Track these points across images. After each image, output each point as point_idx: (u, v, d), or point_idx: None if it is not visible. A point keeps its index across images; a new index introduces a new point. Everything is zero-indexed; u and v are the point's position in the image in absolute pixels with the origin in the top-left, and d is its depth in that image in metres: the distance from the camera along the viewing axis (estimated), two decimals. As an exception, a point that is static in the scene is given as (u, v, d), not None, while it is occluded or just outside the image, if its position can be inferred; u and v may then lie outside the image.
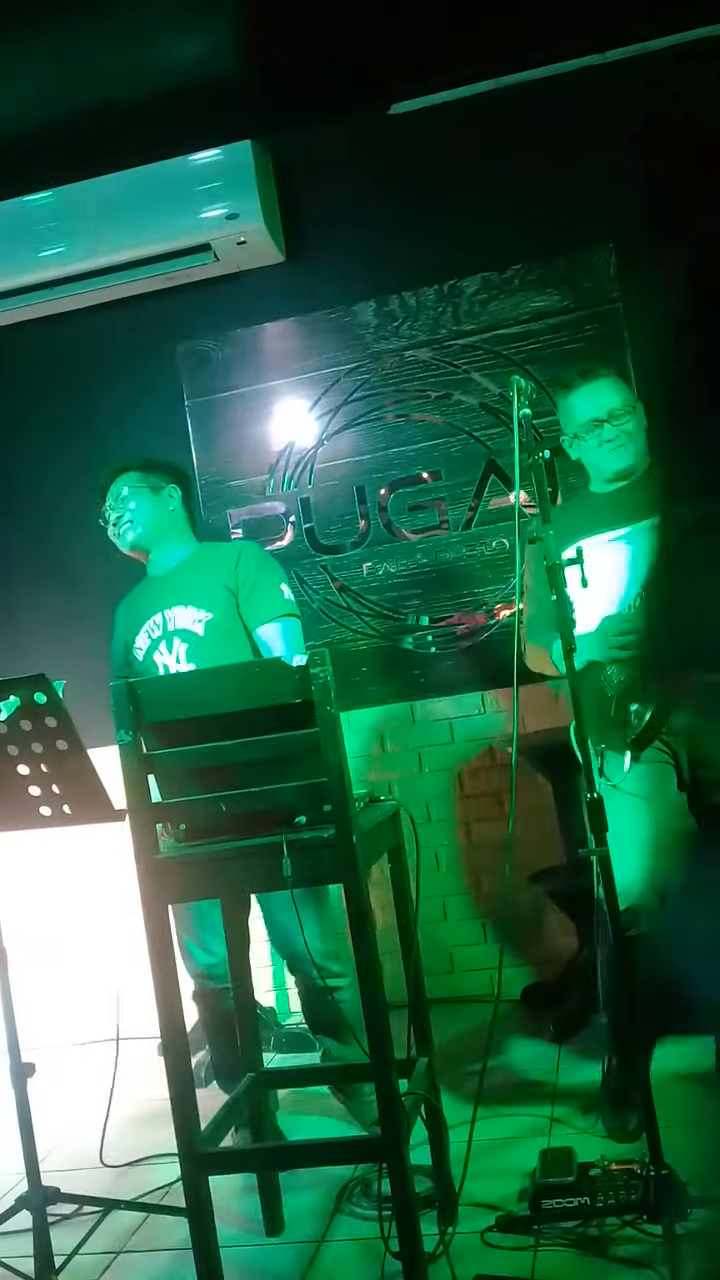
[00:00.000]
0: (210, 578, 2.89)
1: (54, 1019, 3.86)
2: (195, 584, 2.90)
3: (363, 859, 2.06)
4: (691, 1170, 2.21)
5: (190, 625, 2.87)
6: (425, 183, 3.82)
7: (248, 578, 2.87)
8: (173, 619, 2.90)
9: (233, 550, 2.97)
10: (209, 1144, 2.18)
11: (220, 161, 3.68)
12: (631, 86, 3.64)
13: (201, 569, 2.93)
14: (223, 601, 2.86)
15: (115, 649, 3.04)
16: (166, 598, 2.92)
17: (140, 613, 2.97)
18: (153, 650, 2.91)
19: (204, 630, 2.85)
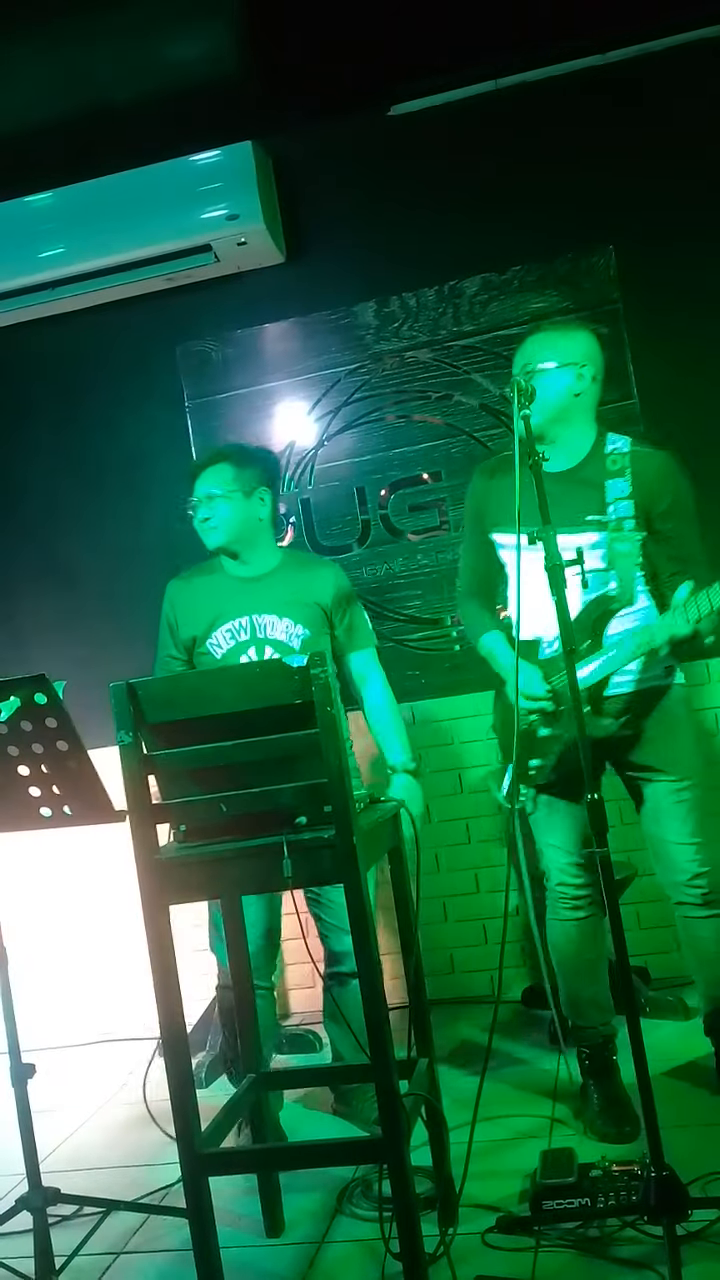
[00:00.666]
0: (307, 595, 2.91)
1: (54, 1019, 3.85)
2: (291, 597, 2.91)
3: (363, 860, 2.06)
4: (692, 1170, 2.22)
5: (284, 637, 2.89)
6: (425, 183, 3.82)
7: (345, 606, 2.95)
8: (265, 626, 2.90)
9: (329, 574, 2.99)
10: (209, 1145, 2.17)
11: (221, 162, 3.68)
12: (634, 87, 3.64)
13: (297, 583, 2.93)
14: (318, 622, 2.92)
15: (173, 633, 2.99)
16: (258, 603, 2.90)
17: (220, 609, 2.93)
18: (238, 652, 2.90)
19: (299, 645, 2.88)
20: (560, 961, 2.80)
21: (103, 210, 3.71)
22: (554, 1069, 2.93)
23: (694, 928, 2.71)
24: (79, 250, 3.75)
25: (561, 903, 2.76)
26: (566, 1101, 2.81)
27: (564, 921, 2.76)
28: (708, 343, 3.58)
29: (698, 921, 2.70)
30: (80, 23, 3.18)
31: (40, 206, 3.76)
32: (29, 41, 3.21)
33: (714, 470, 2.98)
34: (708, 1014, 2.76)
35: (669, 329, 3.61)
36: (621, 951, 2.17)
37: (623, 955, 2.17)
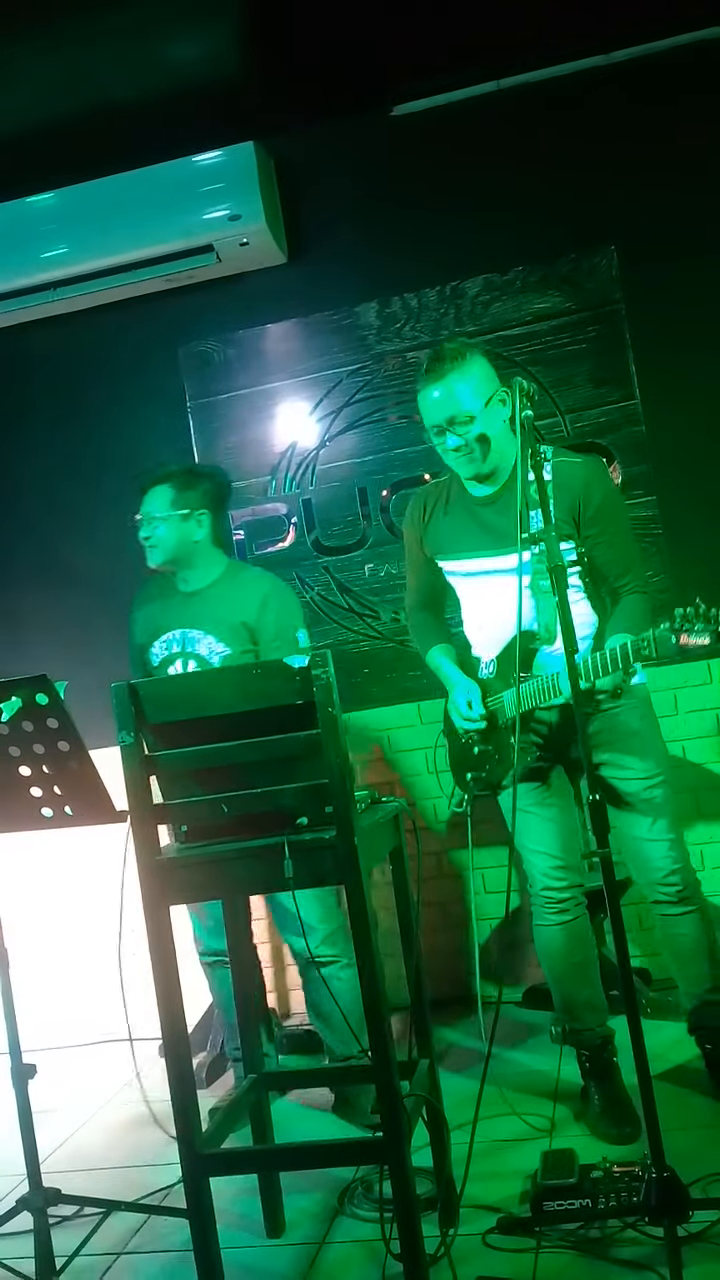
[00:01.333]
0: (233, 613, 2.99)
1: (55, 1020, 3.85)
2: (219, 614, 3.00)
3: (364, 860, 2.06)
4: (693, 1171, 2.22)
5: (206, 653, 2.99)
6: (427, 184, 3.82)
7: (269, 625, 2.98)
8: (193, 640, 3.02)
9: (258, 591, 3.02)
10: (210, 1145, 2.17)
11: (223, 163, 3.68)
12: (636, 87, 3.64)
13: (227, 600, 3.02)
14: (242, 639, 2.98)
15: (132, 647, 3.18)
16: (190, 618, 3.03)
17: (160, 621, 3.08)
18: (168, 664, 3.05)
19: (218, 663, 2.97)
20: (551, 967, 2.79)
21: (104, 211, 3.71)
22: (554, 1070, 2.92)
23: (671, 925, 2.74)
24: (81, 251, 3.75)
25: (547, 908, 2.74)
26: (567, 1102, 2.81)
27: (550, 926, 2.75)
28: (710, 343, 3.57)
29: (675, 919, 2.73)
30: (82, 23, 3.18)
31: (42, 207, 3.77)
32: (31, 42, 3.21)
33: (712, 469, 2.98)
34: (690, 1012, 2.78)
35: (671, 329, 3.61)
36: (623, 953, 2.16)
37: (624, 957, 2.16)
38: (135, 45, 3.35)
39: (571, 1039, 2.80)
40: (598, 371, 3.69)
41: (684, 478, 3.55)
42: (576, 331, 3.70)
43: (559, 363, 3.71)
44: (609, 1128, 2.62)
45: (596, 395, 3.69)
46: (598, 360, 3.69)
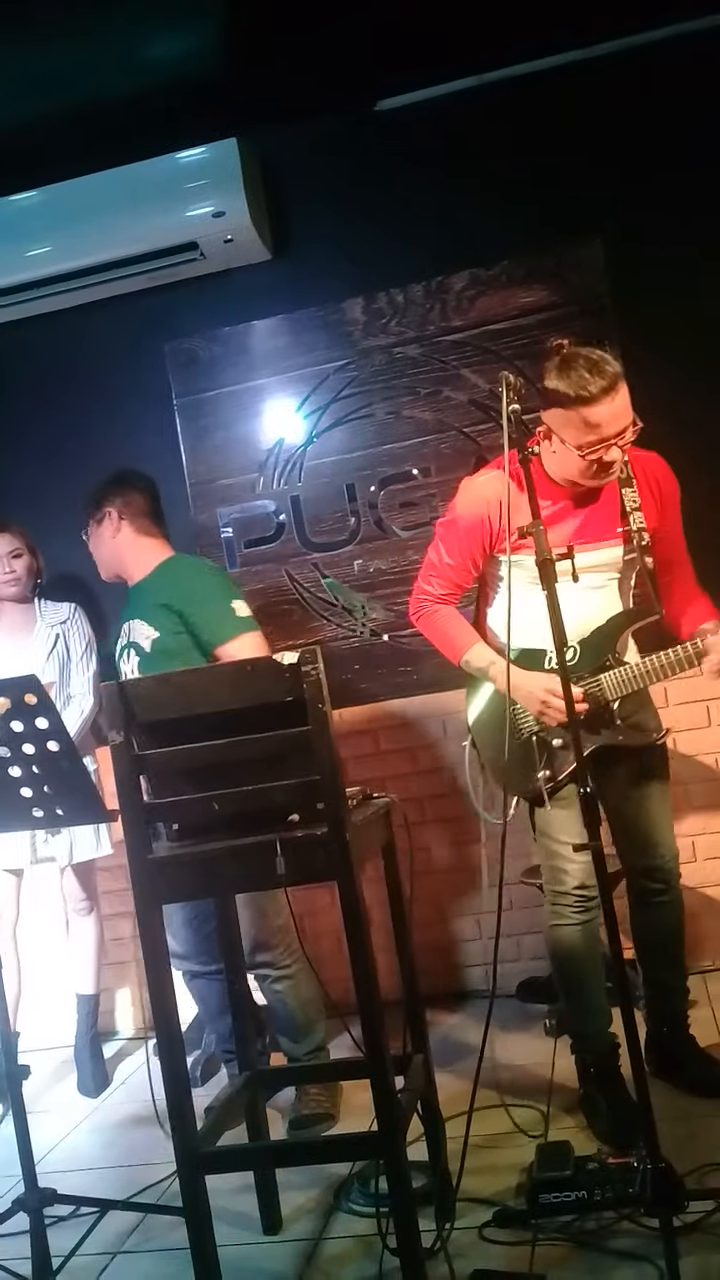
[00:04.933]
0: (159, 597, 2.99)
1: (48, 1020, 3.84)
2: (150, 601, 3.01)
3: (356, 856, 2.06)
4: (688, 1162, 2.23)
5: (141, 640, 2.99)
6: (412, 178, 3.81)
7: (189, 600, 2.92)
8: (131, 630, 3.04)
9: (176, 573, 3.03)
10: (205, 1143, 2.17)
11: (206, 159, 3.67)
12: (619, 80, 3.64)
13: (154, 587, 3.04)
14: (167, 621, 2.94)
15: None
16: (132, 609, 3.08)
17: (121, 619, 3.14)
18: (120, 657, 3.09)
19: (150, 647, 2.95)
20: (569, 968, 2.72)
21: (89, 208, 3.69)
22: (549, 1062, 2.93)
23: (654, 912, 2.77)
24: (65, 249, 3.74)
25: (574, 907, 2.68)
26: (562, 1095, 2.82)
27: (572, 926, 2.69)
28: (697, 334, 3.58)
29: (662, 905, 2.77)
30: (65, 21, 3.17)
31: (26, 205, 3.75)
32: (14, 41, 3.20)
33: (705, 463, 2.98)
34: (653, 996, 2.84)
35: (658, 321, 3.61)
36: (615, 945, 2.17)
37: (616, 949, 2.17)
38: (119, 43, 3.34)
39: (578, 1045, 2.77)
40: (585, 365, 3.68)
41: (672, 469, 3.55)
42: (563, 325, 3.67)
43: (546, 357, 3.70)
44: (615, 1139, 2.57)
45: (584, 389, 3.68)
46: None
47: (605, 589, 2.65)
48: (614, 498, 2.64)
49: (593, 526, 2.63)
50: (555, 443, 2.54)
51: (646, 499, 2.65)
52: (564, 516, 2.63)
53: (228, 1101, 2.39)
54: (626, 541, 2.61)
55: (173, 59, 3.45)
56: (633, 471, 2.65)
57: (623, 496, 2.63)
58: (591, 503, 2.64)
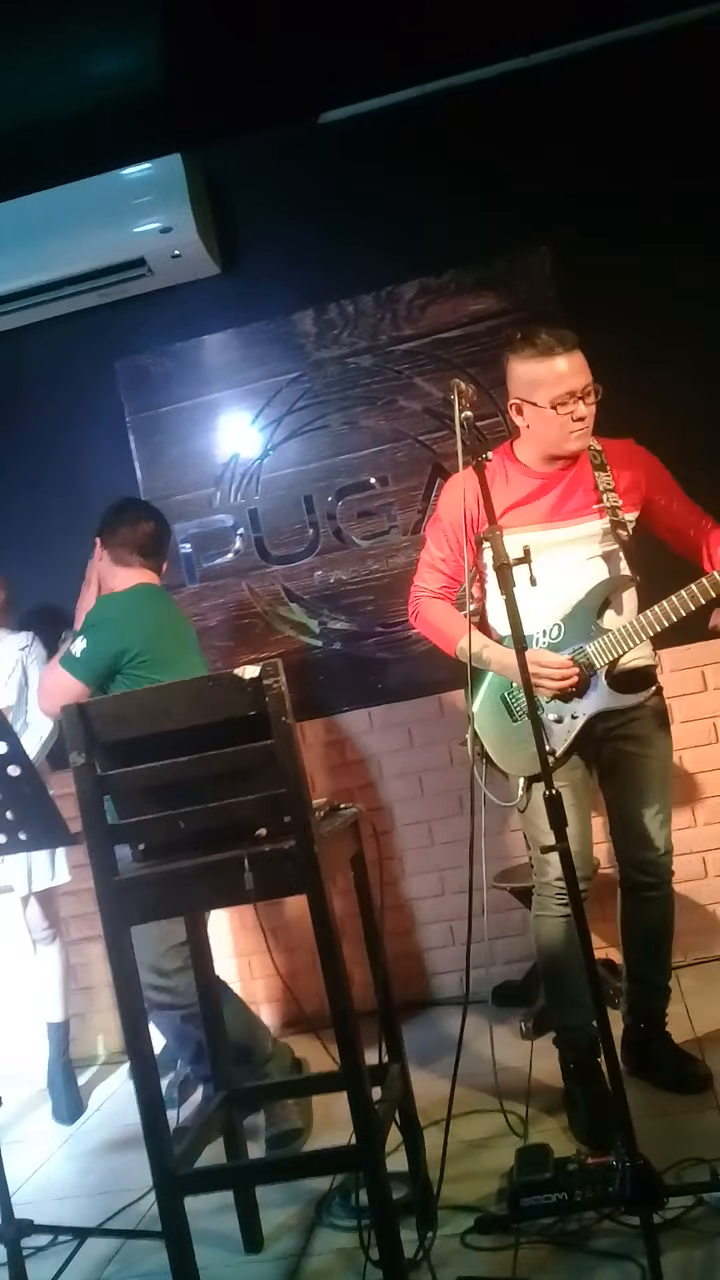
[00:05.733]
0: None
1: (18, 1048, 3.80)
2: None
3: (325, 868, 2.06)
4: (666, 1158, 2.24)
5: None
6: (359, 189, 3.83)
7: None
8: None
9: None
10: (182, 1165, 2.15)
11: (151, 175, 3.66)
12: (560, 87, 3.68)
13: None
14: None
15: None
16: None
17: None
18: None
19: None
20: (552, 959, 2.74)
21: (36, 227, 3.67)
22: (526, 1066, 2.94)
23: (645, 906, 2.80)
24: (12, 268, 3.71)
25: (558, 898, 2.71)
26: (540, 1098, 2.82)
27: (556, 917, 2.71)
28: (645, 336, 3.61)
29: (653, 900, 2.79)
30: (4, 41, 3.15)
31: (-30, 225, 3.72)
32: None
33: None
34: (634, 992, 2.86)
35: (606, 325, 3.63)
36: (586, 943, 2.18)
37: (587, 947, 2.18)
38: (61, 62, 3.32)
39: (559, 1039, 2.79)
40: (536, 370, 3.71)
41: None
42: (512, 331, 3.71)
43: (497, 363, 3.71)
44: (592, 1137, 2.58)
45: (536, 393, 3.71)
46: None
47: (590, 563, 2.69)
48: (589, 477, 2.72)
49: (570, 505, 2.70)
50: (528, 414, 2.65)
51: (621, 482, 2.72)
52: (542, 493, 2.71)
53: (205, 1121, 2.37)
54: (603, 516, 2.68)
55: (115, 76, 3.44)
56: (606, 458, 2.74)
57: (596, 478, 2.71)
58: (566, 484, 2.71)
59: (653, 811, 2.76)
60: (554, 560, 2.62)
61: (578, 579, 2.66)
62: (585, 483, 2.72)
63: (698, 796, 3.69)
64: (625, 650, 2.63)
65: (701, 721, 3.67)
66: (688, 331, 3.61)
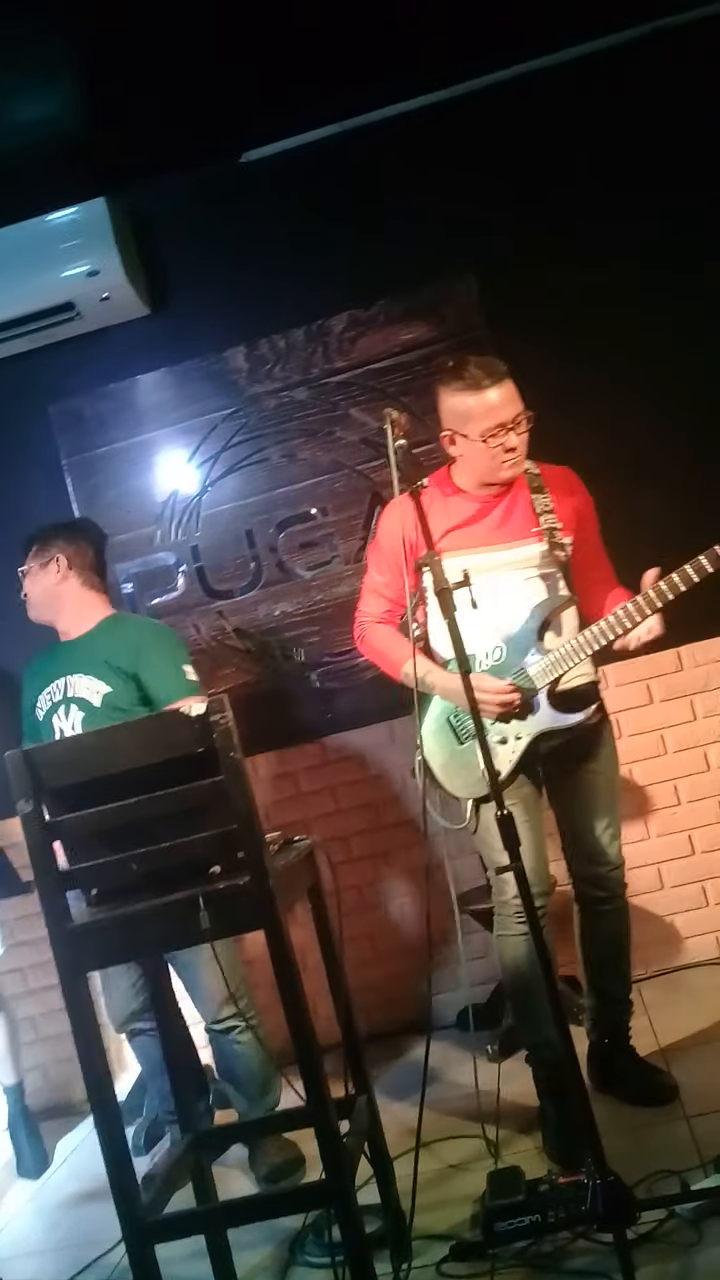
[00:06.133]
0: (112, 657, 2.98)
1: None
2: (96, 658, 2.99)
3: (282, 903, 2.05)
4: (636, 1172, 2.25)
5: (88, 694, 2.97)
6: (284, 226, 3.86)
7: (143, 663, 2.96)
8: (72, 685, 2.99)
9: (134, 637, 3.03)
10: (151, 1212, 2.12)
11: (77, 219, 3.67)
12: (479, 116, 3.75)
13: (104, 647, 3.01)
14: (121, 679, 2.96)
15: (23, 712, 3.14)
16: (70, 665, 3.02)
17: (43, 675, 3.07)
18: (53, 712, 3.02)
19: (100, 701, 2.94)
20: (517, 978, 2.74)
21: (-40, 274, 3.66)
22: (494, 1089, 2.93)
23: (600, 920, 2.82)
24: (-62, 318, 3.70)
25: (516, 917, 2.70)
26: (509, 1120, 2.81)
27: (516, 936, 2.72)
28: (573, 360, 3.67)
29: (608, 914, 2.82)
30: None
31: None
32: None
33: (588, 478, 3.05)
34: (597, 1008, 2.87)
35: (534, 350, 3.69)
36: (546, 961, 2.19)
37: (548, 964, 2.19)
38: (-22, 108, 3.33)
39: (531, 1056, 2.78)
40: (468, 396, 3.76)
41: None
42: (443, 359, 3.77)
43: (430, 391, 3.75)
44: (563, 1155, 2.58)
45: (469, 419, 3.76)
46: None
47: (529, 585, 2.72)
48: (526, 501, 2.75)
49: (509, 527, 2.73)
50: (460, 444, 2.68)
51: (559, 505, 2.76)
52: (481, 516, 2.74)
53: (173, 1165, 2.34)
54: (542, 539, 2.71)
55: (37, 122, 3.45)
56: (544, 481, 2.78)
57: (534, 501, 2.75)
58: (504, 506, 2.74)
59: (601, 826, 2.78)
60: (495, 582, 2.64)
61: (518, 600, 2.68)
62: (524, 506, 2.75)
63: (649, 809, 3.73)
64: (565, 670, 2.66)
65: (649, 734, 3.72)
66: (616, 354, 3.67)
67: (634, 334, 3.67)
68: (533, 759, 2.71)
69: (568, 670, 2.66)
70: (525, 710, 2.66)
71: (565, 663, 2.64)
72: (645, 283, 3.67)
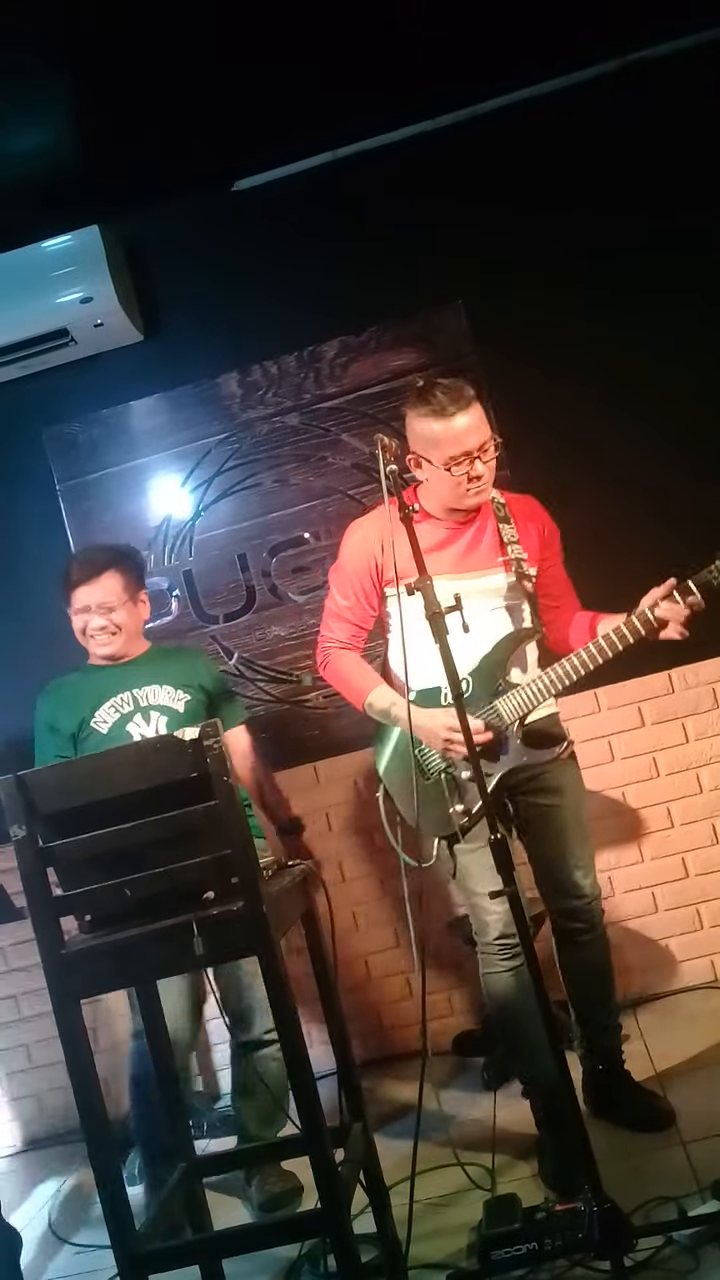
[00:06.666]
0: (188, 676, 3.09)
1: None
2: (170, 671, 3.06)
3: (276, 928, 2.04)
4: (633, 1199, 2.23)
5: (170, 702, 3.02)
6: (276, 254, 3.90)
7: (218, 687, 3.16)
8: (147, 695, 3.03)
9: (194, 657, 3.23)
10: (146, 1244, 2.10)
11: (71, 247, 3.71)
12: (468, 146, 3.80)
13: (175, 665, 3.10)
14: (198, 695, 3.07)
15: (56, 733, 3.03)
16: (138, 679, 3.04)
17: (101, 692, 3.03)
18: (124, 723, 3.00)
19: (184, 708, 3.02)
20: (509, 1014, 2.71)
21: (-45, 302, 3.69)
22: (490, 1115, 2.92)
23: (579, 951, 2.79)
24: (-67, 344, 3.72)
25: (500, 955, 2.69)
26: (506, 1147, 2.79)
27: (503, 973, 2.70)
28: (560, 387, 3.70)
29: (586, 944, 2.79)
30: None
31: None
32: None
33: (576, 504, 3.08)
34: (587, 1035, 2.84)
35: (524, 376, 3.73)
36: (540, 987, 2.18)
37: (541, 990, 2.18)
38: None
39: (528, 1088, 2.76)
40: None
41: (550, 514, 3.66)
42: (422, 384, 3.80)
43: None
44: (560, 1182, 2.55)
45: (460, 444, 3.78)
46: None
47: (494, 616, 2.69)
48: (493, 530, 2.73)
49: (474, 556, 2.70)
50: (425, 469, 2.64)
51: (525, 535, 2.75)
52: (448, 543, 2.71)
53: (167, 1196, 2.32)
54: (508, 569, 2.69)
55: (31, 152, 3.49)
56: (510, 511, 2.76)
57: (500, 530, 2.73)
58: (471, 535, 2.72)
59: (573, 860, 2.74)
60: (462, 613, 2.56)
61: (484, 631, 2.63)
62: (490, 534, 2.72)
63: (642, 832, 3.73)
64: (535, 706, 2.63)
65: (641, 757, 3.72)
66: (603, 382, 3.70)
67: (624, 359, 3.70)
68: (500, 793, 2.66)
69: (537, 706, 2.64)
70: (495, 751, 2.61)
71: (535, 699, 2.62)
72: (636, 308, 3.71)
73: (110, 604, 2.98)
